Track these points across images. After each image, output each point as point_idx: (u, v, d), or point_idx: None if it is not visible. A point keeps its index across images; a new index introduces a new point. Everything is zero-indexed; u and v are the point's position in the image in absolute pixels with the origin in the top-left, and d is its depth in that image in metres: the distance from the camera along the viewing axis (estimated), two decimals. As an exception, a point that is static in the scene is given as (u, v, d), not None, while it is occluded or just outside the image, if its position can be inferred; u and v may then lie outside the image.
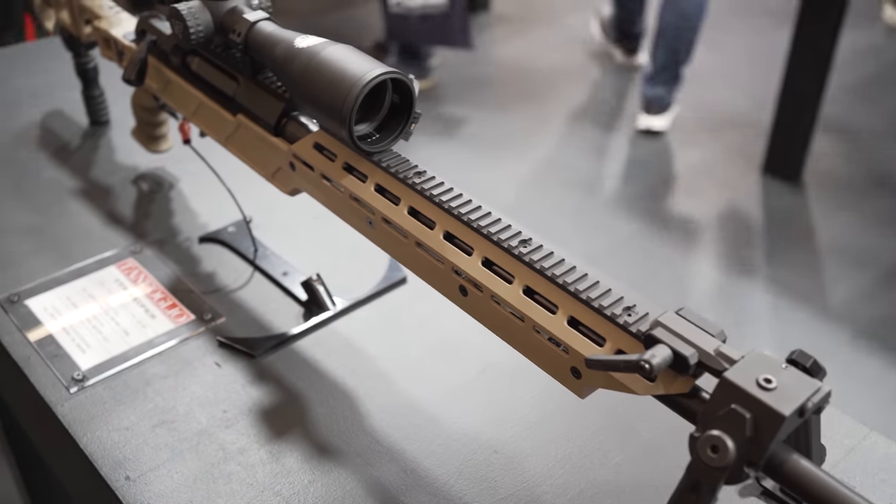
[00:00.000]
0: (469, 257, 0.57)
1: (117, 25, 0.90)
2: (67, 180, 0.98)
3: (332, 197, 0.67)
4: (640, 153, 2.89)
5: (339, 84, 0.60)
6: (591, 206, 2.61)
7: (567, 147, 2.92)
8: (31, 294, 0.81)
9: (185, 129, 0.87)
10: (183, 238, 0.89)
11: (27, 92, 1.16)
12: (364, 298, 0.82)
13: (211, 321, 0.79)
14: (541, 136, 2.98)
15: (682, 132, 3.01)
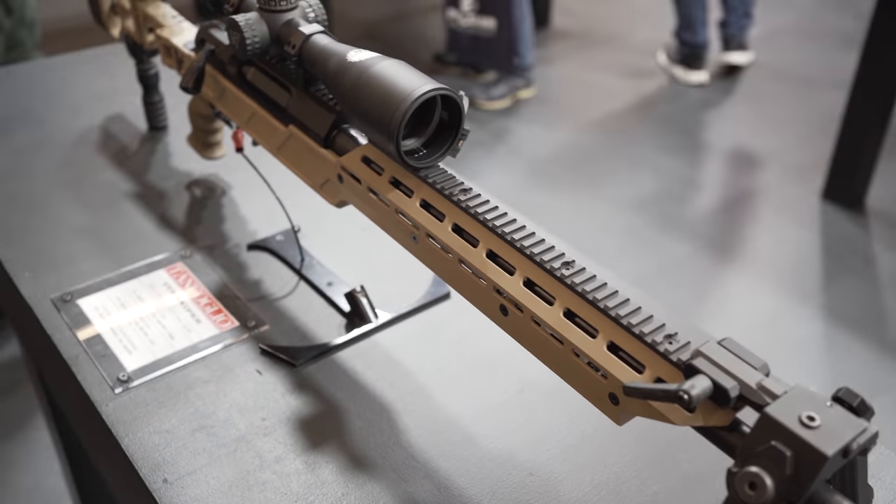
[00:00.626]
0: (511, 277, 0.57)
1: (178, 34, 0.92)
2: (123, 183, 1.00)
3: (377, 210, 0.67)
4: (695, 173, 2.85)
5: (389, 99, 0.60)
6: (642, 226, 2.58)
7: (620, 165, 2.89)
8: (83, 294, 0.83)
9: (238, 138, 0.88)
10: (232, 244, 0.91)
11: (91, 95, 1.19)
12: (406, 312, 0.82)
13: (254, 328, 0.80)
14: (593, 153, 2.96)
15: (742, 154, 2.97)
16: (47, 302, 0.82)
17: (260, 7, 0.73)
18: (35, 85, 1.21)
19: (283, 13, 0.73)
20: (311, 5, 0.74)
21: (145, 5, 0.97)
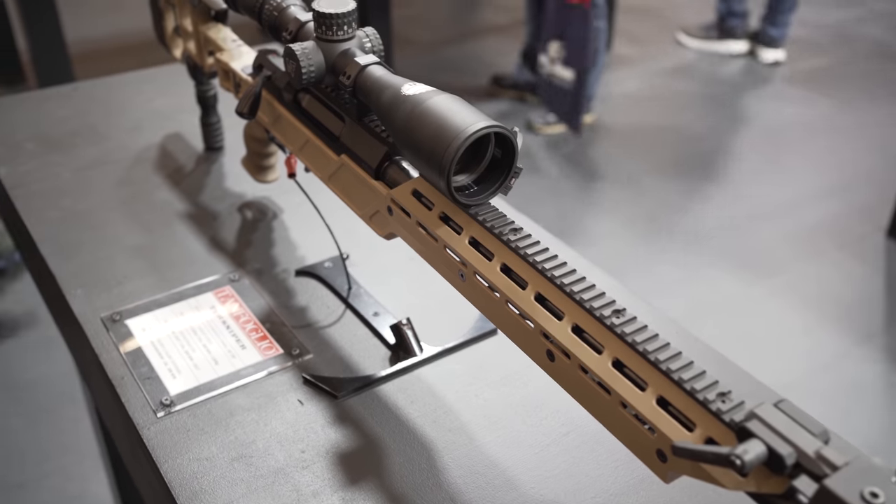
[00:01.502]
0: (559, 322, 0.56)
1: (237, 59, 0.92)
2: (178, 203, 1.01)
3: (426, 245, 0.66)
4: (754, 206, 2.79)
5: (442, 134, 0.59)
6: (697, 259, 2.53)
7: (676, 194, 2.85)
8: (132, 314, 0.84)
9: (291, 163, 0.88)
10: (280, 269, 0.91)
11: (152, 113, 1.21)
12: (451, 347, 0.80)
13: (298, 357, 0.79)
14: (647, 179, 2.91)
15: (805, 188, 2.90)
16: (97, 320, 0.83)
17: (317, 36, 0.73)
18: (100, 102, 1.24)
19: (339, 43, 0.72)
20: (369, 35, 0.74)
21: (207, 28, 0.98)
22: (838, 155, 3.11)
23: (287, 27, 0.77)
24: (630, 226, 2.68)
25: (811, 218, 2.74)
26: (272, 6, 0.79)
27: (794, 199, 2.84)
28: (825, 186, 2.90)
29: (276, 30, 0.79)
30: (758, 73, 3.71)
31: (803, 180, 2.94)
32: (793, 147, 3.17)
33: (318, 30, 0.72)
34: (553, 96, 3.06)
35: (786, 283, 2.44)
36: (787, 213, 2.77)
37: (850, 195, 2.85)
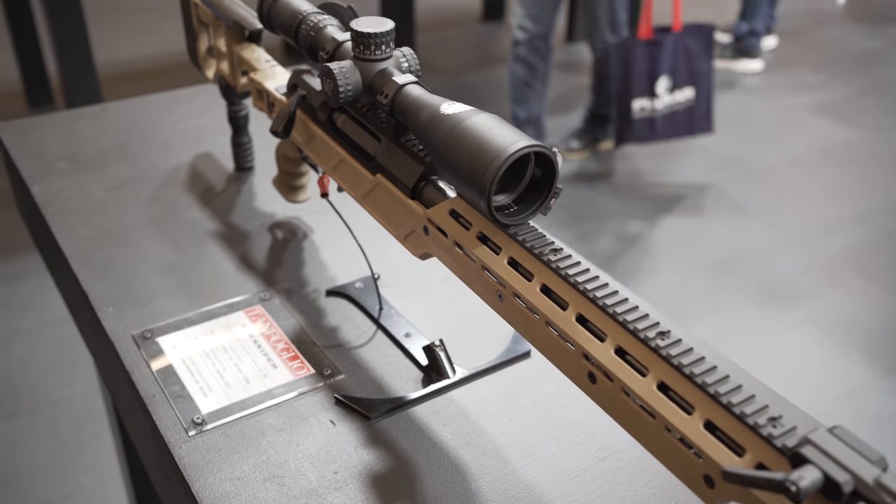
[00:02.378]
0: (601, 344, 0.55)
1: (271, 78, 0.93)
2: (208, 222, 1.01)
3: (463, 265, 0.66)
4: (777, 234, 2.77)
5: (482, 154, 0.59)
6: (719, 287, 2.51)
7: (700, 221, 2.83)
8: (163, 332, 0.84)
9: (323, 183, 0.88)
10: (311, 289, 0.90)
11: (182, 133, 1.21)
12: (485, 369, 0.79)
13: (330, 377, 0.78)
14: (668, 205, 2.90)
15: (828, 216, 2.87)
16: (128, 338, 0.83)
17: (354, 55, 0.73)
18: (130, 122, 1.24)
19: (377, 62, 0.72)
20: (406, 55, 0.74)
21: (240, 49, 0.98)
22: (861, 183, 3.09)
23: (324, 47, 0.77)
24: (651, 253, 2.66)
25: (834, 246, 2.71)
26: (309, 26, 0.80)
27: (817, 227, 2.82)
28: (847, 215, 2.88)
29: (313, 49, 0.80)
30: (782, 102, 3.70)
31: (826, 209, 2.92)
32: (816, 175, 3.14)
33: (356, 49, 0.72)
34: (680, 124, 3.00)
35: (809, 312, 2.41)
36: (810, 241, 2.74)
37: (873, 224, 2.82)
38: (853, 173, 3.15)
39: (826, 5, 4.92)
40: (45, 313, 2.39)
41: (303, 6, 0.82)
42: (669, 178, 3.09)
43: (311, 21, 0.80)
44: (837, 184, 3.09)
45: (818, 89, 3.81)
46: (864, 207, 2.92)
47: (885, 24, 4.63)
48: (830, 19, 4.73)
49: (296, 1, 0.83)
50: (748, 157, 3.26)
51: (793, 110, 3.63)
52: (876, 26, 4.60)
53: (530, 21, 2.73)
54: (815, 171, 3.17)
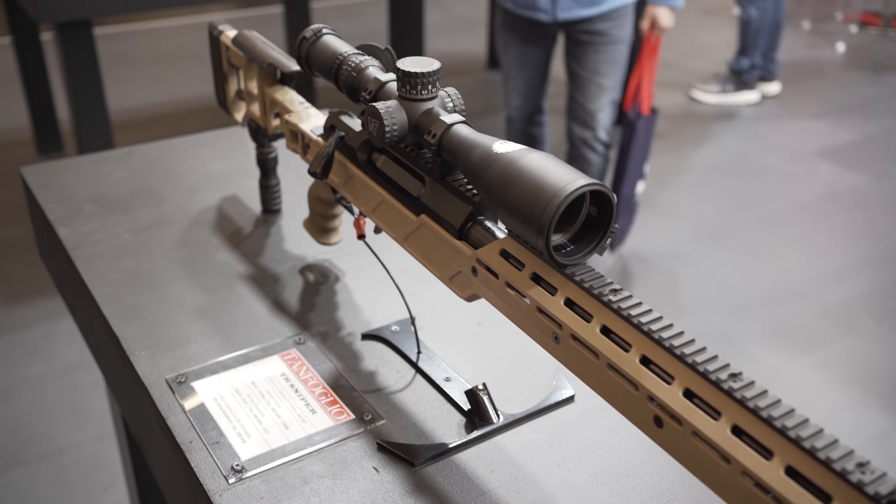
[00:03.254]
0: (668, 386, 0.53)
1: (306, 120, 0.92)
2: (238, 265, 1.00)
3: (515, 307, 0.64)
4: (791, 280, 2.76)
5: (540, 193, 0.58)
6: (735, 332, 2.49)
7: (708, 267, 2.82)
8: (198, 376, 0.82)
9: (360, 225, 0.87)
10: (346, 333, 0.89)
11: (207, 176, 1.21)
12: (529, 414, 0.78)
13: (371, 422, 0.76)
14: (681, 251, 2.89)
15: (842, 261, 2.87)
16: (162, 382, 0.81)
17: (400, 95, 0.72)
18: (155, 165, 1.24)
19: (423, 102, 0.72)
20: (451, 95, 0.73)
21: (273, 91, 0.98)
22: (873, 228, 3.09)
23: (366, 87, 0.77)
24: (665, 299, 2.65)
25: (849, 291, 2.70)
26: (350, 67, 0.79)
27: (831, 272, 2.81)
28: (861, 260, 2.87)
29: (354, 90, 0.79)
30: (788, 148, 3.72)
31: (836, 254, 2.92)
32: (827, 220, 3.15)
33: (402, 89, 0.72)
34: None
35: (826, 358, 2.39)
36: (825, 286, 2.73)
37: (884, 269, 2.81)
38: (861, 219, 3.15)
39: (826, 54, 4.98)
40: (52, 360, 2.36)
41: (342, 47, 0.82)
42: (677, 222, 3.09)
43: (352, 62, 0.80)
44: (846, 229, 3.09)
45: (823, 135, 3.84)
46: (873, 253, 2.92)
47: (884, 72, 4.68)
48: (831, 68, 4.78)
49: (335, 42, 0.83)
50: (758, 202, 3.26)
51: (799, 156, 3.64)
52: (876, 74, 4.65)
53: (521, 99, 2.67)
54: (824, 216, 3.17)
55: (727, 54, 4.71)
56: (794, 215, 3.18)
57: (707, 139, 3.80)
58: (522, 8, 2.44)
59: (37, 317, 2.52)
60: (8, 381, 2.27)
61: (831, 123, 3.97)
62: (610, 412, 0.77)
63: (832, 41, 5.16)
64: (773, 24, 4.01)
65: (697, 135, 3.84)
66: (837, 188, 3.37)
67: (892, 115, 4.10)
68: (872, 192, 3.35)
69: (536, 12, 2.43)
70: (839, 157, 3.63)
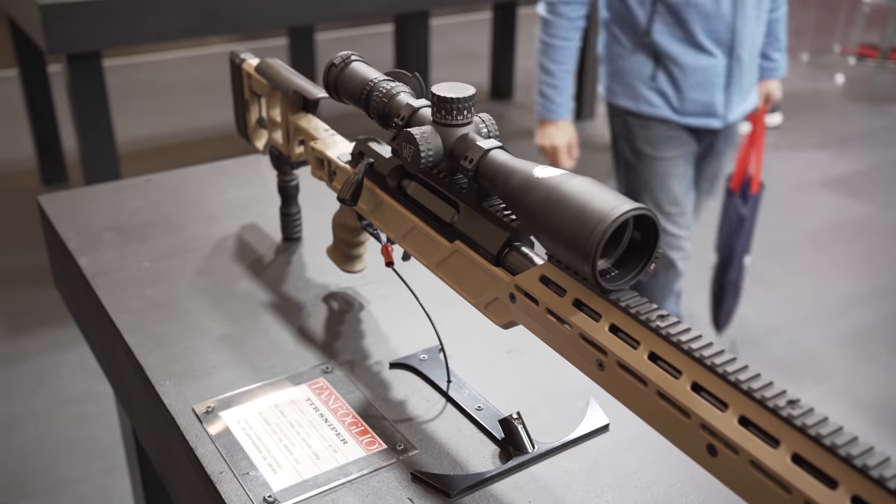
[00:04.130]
0: (723, 413, 0.52)
1: (332, 147, 0.92)
2: (260, 293, 0.99)
3: (556, 334, 0.63)
4: (800, 309, 2.75)
5: (585, 218, 0.57)
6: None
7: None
8: (225, 406, 0.80)
9: (387, 252, 0.86)
10: (373, 361, 0.87)
11: (226, 204, 1.20)
12: (564, 443, 0.76)
13: (403, 452, 0.75)
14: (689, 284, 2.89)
15: (851, 290, 2.86)
16: (189, 412, 0.79)
17: (434, 121, 0.72)
18: (173, 194, 1.23)
19: (458, 127, 0.71)
20: (485, 121, 0.73)
21: (297, 118, 0.98)
22: (879, 257, 3.08)
23: (399, 113, 0.76)
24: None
25: (859, 321, 2.69)
26: (381, 93, 0.79)
27: (838, 301, 2.80)
28: (869, 289, 2.86)
29: (386, 116, 0.79)
30: (792, 178, 3.73)
31: (846, 283, 2.91)
32: (832, 250, 3.14)
33: (437, 114, 0.71)
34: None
35: (838, 388, 2.37)
36: (834, 315, 2.72)
37: (892, 298, 2.81)
38: (866, 248, 3.15)
39: (826, 85, 5.01)
40: (57, 392, 2.34)
41: (371, 74, 0.82)
42: (685, 253, 3.08)
43: (382, 88, 0.79)
44: (851, 259, 3.08)
45: (826, 166, 3.85)
46: (880, 282, 2.91)
47: (883, 103, 4.71)
48: (831, 99, 4.82)
49: (364, 69, 0.83)
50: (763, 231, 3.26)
51: (803, 186, 3.65)
52: (875, 105, 4.68)
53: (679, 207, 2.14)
54: (829, 246, 3.17)
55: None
56: (800, 245, 3.18)
57: (710, 169, 3.82)
58: (690, 116, 1.95)
59: (41, 347, 2.50)
60: (12, 412, 2.25)
61: (834, 154, 3.99)
62: (646, 441, 0.76)
63: (831, 73, 5.20)
64: None
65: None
66: (842, 218, 3.38)
67: (894, 146, 4.12)
68: (877, 222, 3.35)
69: (709, 119, 1.97)
70: (843, 186, 3.63)
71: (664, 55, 1.91)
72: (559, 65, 1.98)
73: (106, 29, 2.38)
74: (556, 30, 1.96)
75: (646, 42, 1.92)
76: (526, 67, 4.79)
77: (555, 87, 2.00)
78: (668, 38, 1.90)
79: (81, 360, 2.43)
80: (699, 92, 1.94)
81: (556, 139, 2.03)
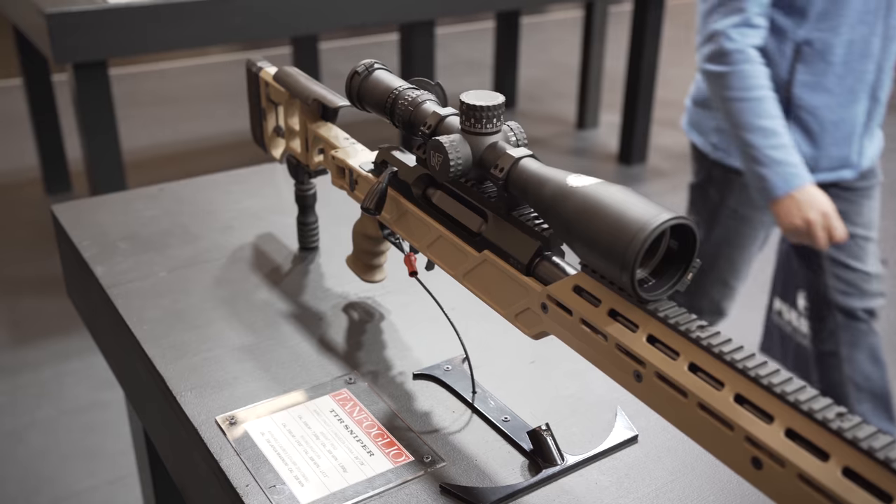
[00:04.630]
0: (768, 426, 0.51)
1: (353, 156, 0.91)
2: (279, 303, 0.98)
3: (590, 344, 0.62)
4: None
5: (623, 226, 0.56)
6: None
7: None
8: (249, 417, 0.79)
9: (411, 262, 0.85)
10: (396, 372, 0.86)
11: (241, 213, 1.19)
12: (594, 455, 0.75)
13: (431, 464, 0.74)
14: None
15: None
16: (212, 423, 0.78)
17: (463, 129, 0.71)
18: (187, 203, 1.22)
19: (487, 136, 0.71)
20: (513, 129, 0.72)
21: (317, 127, 0.97)
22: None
23: (425, 121, 0.76)
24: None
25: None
26: (407, 101, 0.78)
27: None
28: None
29: (411, 125, 0.78)
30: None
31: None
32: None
33: (466, 122, 0.71)
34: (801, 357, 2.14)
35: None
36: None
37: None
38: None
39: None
40: (62, 402, 2.32)
41: (395, 82, 0.81)
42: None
43: (408, 96, 0.79)
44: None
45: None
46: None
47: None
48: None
49: (387, 77, 0.82)
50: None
51: (807, 195, 3.65)
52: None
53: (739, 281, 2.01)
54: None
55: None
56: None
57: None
58: (823, 171, 1.72)
59: (45, 358, 2.49)
60: (17, 424, 2.23)
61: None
62: (676, 452, 0.75)
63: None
64: None
65: (705, 174, 3.85)
66: (847, 226, 3.37)
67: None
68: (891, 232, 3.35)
69: (843, 170, 1.75)
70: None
71: (802, 108, 1.66)
72: (774, 119, 1.59)
73: (113, 38, 2.38)
74: (749, 79, 1.58)
75: (783, 96, 1.65)
76: (528, 76, 4.80)
77: (783, 146, 1.59)
78: (810, 89, 1.65)
79: (86, 369, 2.42)
80: (838, 145, 1.71)
81: (819, 204, 1.60)
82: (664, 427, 0.79)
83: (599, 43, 4.06)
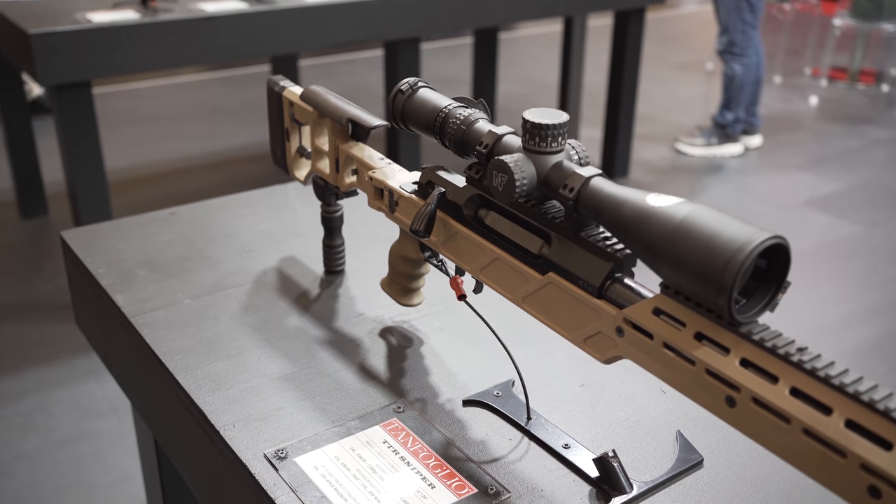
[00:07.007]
0: (888, 453, 0.49)
1: (392, 177, 0.89)
2: (313, 329, 0.95)
3: (674, 369, 0.60)
4: (798, 330, 2.75)
5: (718, 248, 0.55)
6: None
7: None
8: (298, 451, 0.76)
9: (458, 285, 0.83)
10: (445, 399, 0.84)
11: (259, 237, 1.16)
12: (661, 482, 0.73)
13: (496, 496, 0.71)
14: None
15: (846, 309, 2.87)
16: (261, 458, 0.75)
17: (525, 148, 0.69)
18: (202, 226, 1.19)
19: (551, 154, 0.69)
20: (575, 147, 0.70)
21: (349, 147, 0.94)
22: (872, 275, 3.11)
23: (481, 140, 0.73)
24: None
25: (857, 339, 2.70)
26: (459, 120, 0.76)
27: (837, 320, 2.81)
28: (865, 307, 2.88)
29: (465, 144, 0.76)
30: (777, 198, 3.76)
31: (841, 301, 2.92)
32: (823, 269, 3.16)
33: (530, 141, 0.69)
34: None
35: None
36: (832, 335, 2.73)
37: (889, 316, 2.82)
38: (858, 267, 3.18)
39: (800, 107, 5.08)
40: (49, 433, 2.25)
41: (443, 101, 0.79)
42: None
43: (459, 115, 0.76)
44: (846, 278, 3.10)
45: (809, 186, 3.89)
46: (875, 300, 2.93)
47: (859, 123, 4.79)
48: (807, 120, 4.88)
49: (433, 95, 0.80)
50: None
51: (790, 206, 3.68)
52: (851, 125, 4.75)
53: None
54: (822, 265, 3.19)
55: (705, 107, 4.80)
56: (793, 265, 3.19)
57: (697, 191, 3.83)
58: None
59: (29, 387, 2.41)
60: (4, 457, 2.15)
61: (815, 174, 4.03)
62: (742, 474, 0.73)
63: (804, 94, 5.28)
64: (756, 80, 4.10)
65: (688, 187, 3.87)
66: (831, 237, 3.40)
67: (871, 166, 4.18)
68: (867, 241, 3.38)
69: None
70: (828, 206, 3.67)
71: None
72: None
73: (97, 58, 2.33)
74: None
75: None
76: (506, 92, 4.80)
77: None
78: None
79: (72, 398, 2.35)
80: None
81: None
82: (726, 449, 0.77)
83: (579, 58, 4.07)
